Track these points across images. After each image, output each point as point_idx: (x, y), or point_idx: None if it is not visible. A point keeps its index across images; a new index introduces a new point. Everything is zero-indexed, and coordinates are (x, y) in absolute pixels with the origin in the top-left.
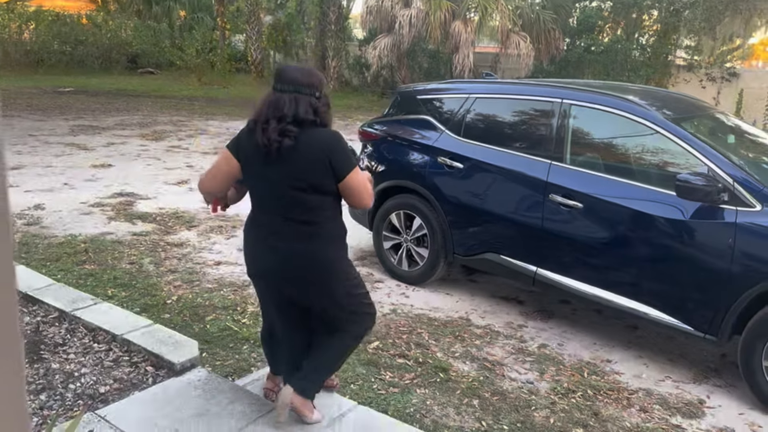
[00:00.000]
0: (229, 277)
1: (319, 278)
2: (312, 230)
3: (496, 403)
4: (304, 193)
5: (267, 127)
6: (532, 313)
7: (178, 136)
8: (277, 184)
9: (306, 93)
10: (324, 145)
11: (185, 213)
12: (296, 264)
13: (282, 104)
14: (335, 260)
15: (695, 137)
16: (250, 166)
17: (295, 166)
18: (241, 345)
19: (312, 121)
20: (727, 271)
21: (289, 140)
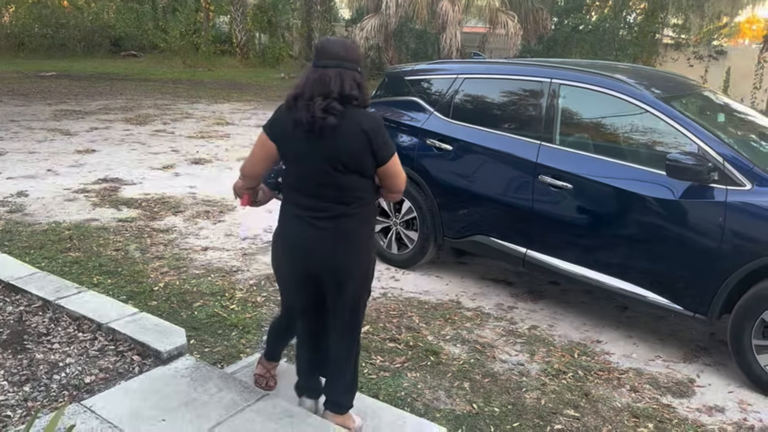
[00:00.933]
0: (216, 263)
1: (352, 256)
2: (346, 211)
3: (487, 386)
4: (342, 174)
5: (312, 103)
6: (522, 295)
7: (162, 119)
8: (315, 163)
9: (349, 68)
10: (367, 129)
11: (171, 198)
12: (334, 243)
13: (327, 80)
14: (364, 242)
15: (685, 116)
16: (288, 145)
17: (335, 147)
18: (230, 331)
19: (355, 97)
20: (717, 250)
21: (333, 118)
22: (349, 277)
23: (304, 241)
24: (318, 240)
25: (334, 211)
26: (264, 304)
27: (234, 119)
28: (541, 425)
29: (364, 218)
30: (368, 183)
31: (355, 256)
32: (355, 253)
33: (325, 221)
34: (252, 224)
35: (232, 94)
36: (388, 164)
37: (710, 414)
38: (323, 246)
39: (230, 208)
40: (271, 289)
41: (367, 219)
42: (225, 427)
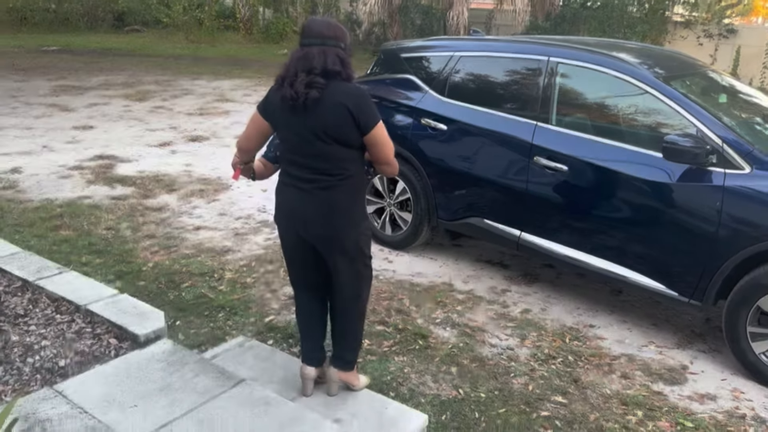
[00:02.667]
0: (208, 243)
1: (336, 224)
2: (335, 181)
3: (474, 370)
4: (328, 144)
5: (295, 80)
6: (517, 278)
7: (162, 96)
8: (303, 136)
9: (332, 45)
10: (349, 99)
11: (166, 176)
12: (318, 208)
13: (311, 57)
14: (354, 210)
15: (685, 97)
16: (279, 121)
17: (320, 119)
18: (217, 313)
19: (338, 72)
20: (714, 235)
21: (316, 92)
22: (340, 246)
23: (296, 209)
24: (307, 208)
25: (322, 181)
26: (253, 285)
27: (235, 96)
28: (527, 411)
29: (352, 189)
30: (355, 154)
31: (343, 226)
32: (343, 222)
33: (314, 191)
34: (245, 204)
35: (234, 70)
36: (372, 133)
37: (702, 402)
38: (313, 214)
39: (225, 186)
40: (261, 270)
41: (355, 190)
42: (198, 414)
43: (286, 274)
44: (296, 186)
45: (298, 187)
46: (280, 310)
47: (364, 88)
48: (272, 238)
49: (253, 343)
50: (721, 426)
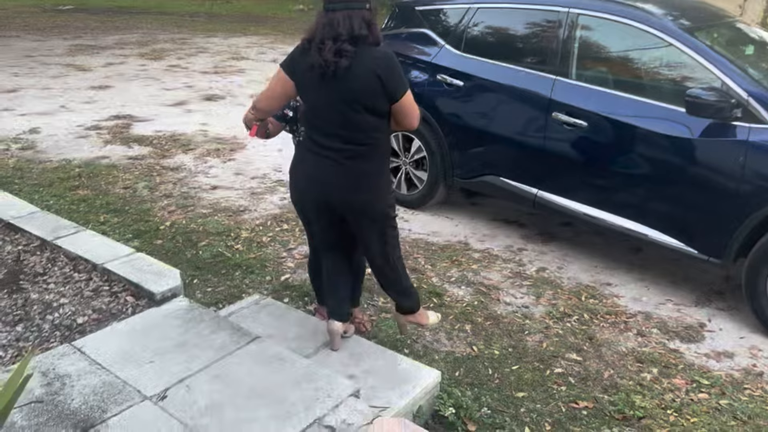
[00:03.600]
0: (224, 202)
1: (364, 192)
2: (362, 150)
3: (488, 328)
4: (357, 113)
5: (323, 47)
6: (533, 236)
7: (177, 54)
8: (331, 103)
9: (357, 8)
10: (379, 67)
11: (182, 136)
12: (346, 177)
13: (336, 23)
14: (381, 178)
15: (710, 49)
16: (305, 86)
17: (350, 87)
18: (233, 271)
19: (365, 36)
20: (736, 191)
21: (345, 60)
22: (368, 213)
23: (321, 176)
24: (333, 176)
25: (350, 150)
26: (269, 244)
27: (250, 54)
28: (540, 368)
29: (380, 157)
30: (383, 122)
31: (370, 194)
32: (371, 190)
33: (341, 159)
34: (261, 164)
35: (249, 27)
36: (401, 101)
37: (718, 360)
38: (341, 183)
39: (241, 146)
40: (277, 230)
41: (382, 156)
42: (213, 370)
43: (301, 233)
44: (322, 154)
45: (325, 155)
46: (295, 269)
47: (392, 53)
48: (287, 198)
49: (268, 301)
50: (737, 383)
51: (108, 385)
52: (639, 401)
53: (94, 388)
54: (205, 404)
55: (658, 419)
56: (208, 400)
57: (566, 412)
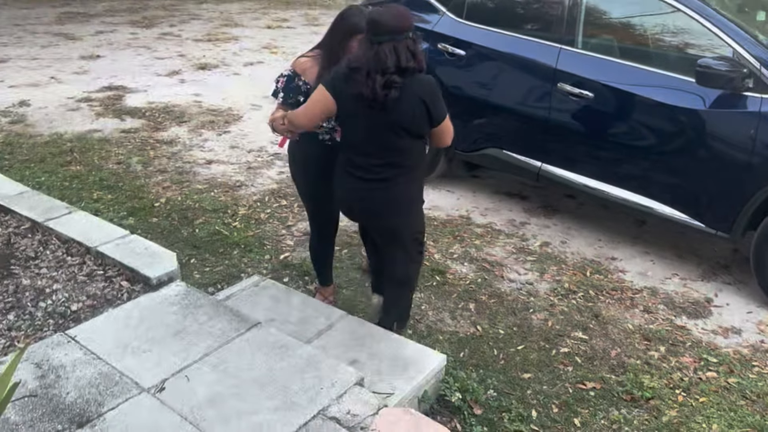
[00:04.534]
0: (220, 178)
1: (398, 215)
2: (402, 172)
3: (492, 306)
4: (401, 138)
5: (372, 81)
6: (536, 209)
7: (169, 22)
8: (375, 129)
9: (401, 38)
10: (424, 94)
11: (176, 107)
12: (382, 200)
13: (383, 57)
14: (416, 200)
15: (720, 15)
16: (349, 112)
17: (397, 115)
18: (231, 250)
19: (412, 68)
20: (746, 164)
21: (395, 92)
22: (399, 235)
23: (359, 199)
24: (368, 199)
25: (387, 172)
26: (267, 221)
27: (243, 20)
28: (546, 348)
29: (414, 179)
30: (420, 144)
31: (404, 217)
32: (405, 213)
33: (378, 182)
34: (257, 136)
35: None
36: (441, 124)
37: (726, 336)
38: (377, 205)
39: (236, 117)
40: (275, 206)
41: (418, 180)
42: (213, 358)
43: (300, 209)
44: (359, 176)
45: (362, 177)
46: (295, 247)
47: (434, 80)
48: (285, 171)
49: (267, 283)
50: (745, 361)
51: (104, 376)
52: (647, 381)
53: (89, 380)
54: (205, 396)
55: (667, 399)
56: (208, 391)
57: (573, 393)
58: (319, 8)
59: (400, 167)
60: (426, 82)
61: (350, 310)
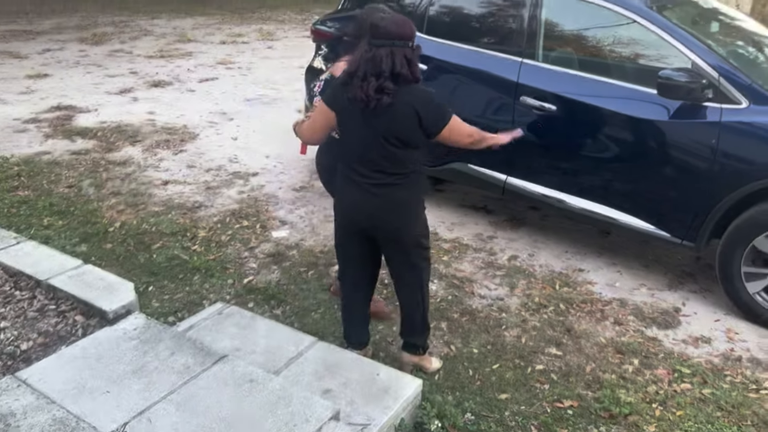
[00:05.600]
0: (177, 198)
1: (399, 220)
2: (398, 180)
3: (465, 325)
4: (395, 147)
5: (365, 83)
6: (502, 222)
7: (120, 38)
8: (370, 137)
9: (401, 45)
10: (417, 104)
11: (129, 126)
12: (382, 206)
13: (379, 60)
14: (416, 205)
15: (678, 27)
16: (345, 118)
17: (389, 123)
18: (192, 275)
19: (405, 75)
20: (709, 173)
21: (387, 98)
22: (402, 241)
23: (357, 204)
24: (370, 205)
25: (386, 179)
26: (229, 243)
27: (197, 36)
28: (521, 366)
29: (414, 185)
30: (417, 153)
31: (405, 221)
32: (405, 218)
33: (377, 188)
34: (214, 154)
35: (196, 7)
36: (443, 132)
37: (696, 345)
38: (375, 210)
39: (192, 135)
40: (236, 227)
41: (417, 186)
42: (177, 396)
43: (263, 230)
44: (358, 183)
45: (360, 184)
46: (259, 270)
47: (430, 91)
48: (245, 191)
49: (232, 309)
50: (717, 370)
51: (59, 422)
52: (624, 396)
53: (43, 428)
54: None
55: (645, 414)
56: None
57: (552, 412)
58: (274, 23)
59: (398, 174)
60: (420, 93)
61: (320, 334)
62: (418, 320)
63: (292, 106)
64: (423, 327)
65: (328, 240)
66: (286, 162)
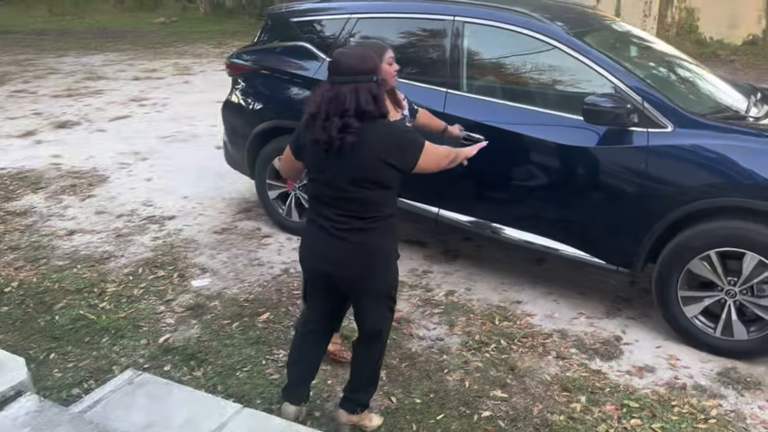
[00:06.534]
0: (84, 250)
1: (368, 268)
2: (369, 224)
3: (405, 371)
4: (363, 189)
5: (327, 123)
6: (437, 256)
7: (23, 78)
8: (336, 179)
9: (365, 81)
10: (385, 141)
11: (31, 172)
12: (350, 253)
13: (342, 98)
14: (387, 252)
15: (601, 53)
16: (311, 161)
17: (356, 164)
18: (100, 337)
19: (371, 112)
20: (641, 198)
21: (351, 137)
22: (369, 289)
23: (325, 252)
24: (335, 251)
25: (355, 224)
26: (142, 297)
27: (107, 73)
28: (467, 414)
29: (386, 230)
30: (390, 194)
31: (374, 269)
32: (375, 266)
33: (345, 233)
34: (127, 198)
35: (106, 43)
36: (419, 164)
37: (641, 375)
38: (344, 259)
39: (102, 178)
40: (150, 278)
41: (389, 231)
42: None
43: (181, 279)
44: (326, 228)
45: (328, 230)
46: (176, 326)
47: (400, 125)
48: (161, 236)
49: (144, 378)
50: (664, 401)
51: None
52: None
53: None
54: None
55: None
56: None
57: None
58: (191, 57)
59: (363, 218)
60: (386, 127)
61: (247, 397)
62: (366, 374)
63: (210, 143)
64: (371, 382)
65: (254, 287)
66: (206, 202)
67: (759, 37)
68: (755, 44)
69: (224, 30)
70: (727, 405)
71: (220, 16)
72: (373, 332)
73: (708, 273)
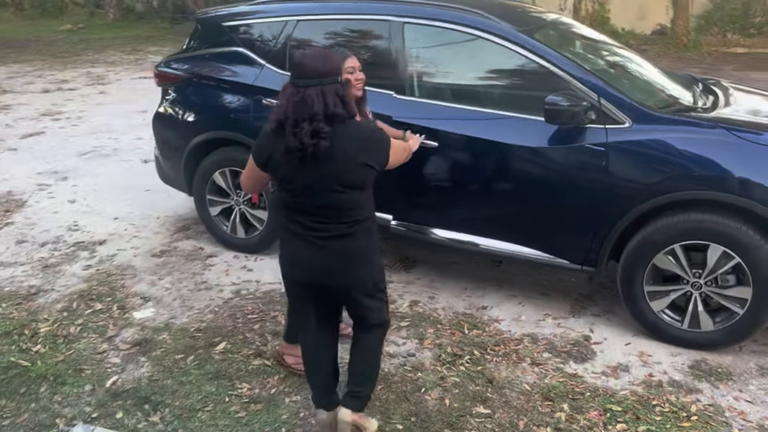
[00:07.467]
0: (7, 286)
1: (355, 270)
2: (349, 228)
3: (381, 395)
4: (340, 192)
5: (297, 130)
6: (395, 265)
7: None
8: (313, 186)
9: (330, 82)
10: (359, 145)
11: None
12: (334, 259)
13: (310, 102)
14: (370, 252)
15: (554, 51)
16: (282, 171)
17: (331, 168)
18: (37, 387)
19: (340, 114)
20: (602, 196)
21: (324, 142)
22: (357, 291)
23: (309, 261)
24: (323, 260)
25: (335, 230)
26: (80, 336)
27: (14, 86)
28: None
29: (367, 231)
30: (367, 194)
31: (360, 270)
32: (361, 267)
33: (326, 241)
34: (50, 223)
35: (9, 54)
36: (391, 162)
37: (617, 376)
38: (330, 265)
39: (19, 203)
40: (87, 312)
41: (369, 233)
42: None
43: (121, 312)
44: (305, 237)
45: (308, 238)
46: (124, 365)
47: (370, 124)
48: (93, 264)
49: None
50: (645, 401)
51: None
52: None
53: None
54: None
55: None
56: None
57: None
58: (104, 65)
59: (342, 222)
60: (357, 127)
61: None
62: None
63: (135, 157)
64: (373, 379)
65: (204, 314)
66: (139, 223)
67: (667, 26)
68: (664, 34)
69: (137, 35)
70: (705, 399)
71: (130, 21)
72: (373, 324)
73: (673, 267)
